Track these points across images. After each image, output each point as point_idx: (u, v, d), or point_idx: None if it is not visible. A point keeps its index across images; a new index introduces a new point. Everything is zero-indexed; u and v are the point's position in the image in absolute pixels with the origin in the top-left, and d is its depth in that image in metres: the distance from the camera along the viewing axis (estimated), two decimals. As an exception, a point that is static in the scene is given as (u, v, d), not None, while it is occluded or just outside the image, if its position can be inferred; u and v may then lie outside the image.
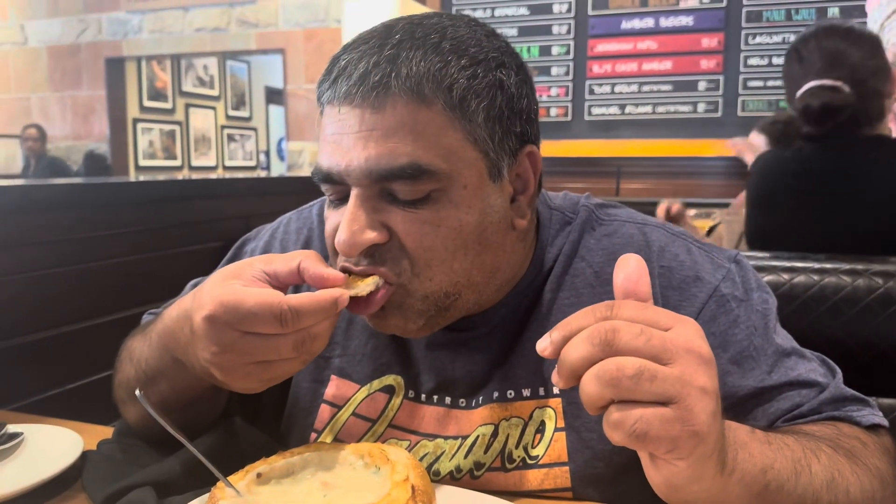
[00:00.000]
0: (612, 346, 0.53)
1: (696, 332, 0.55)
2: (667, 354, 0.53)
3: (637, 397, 0.52)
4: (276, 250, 0.97)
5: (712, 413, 0.53)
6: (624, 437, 0.52)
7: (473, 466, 0.82)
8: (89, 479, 0.80)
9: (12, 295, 1.30)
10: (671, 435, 0.51)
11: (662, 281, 0.82)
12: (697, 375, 0.53)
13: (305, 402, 0.90)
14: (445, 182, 0.72)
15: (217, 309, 0.65)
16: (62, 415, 1.03)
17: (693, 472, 0.54)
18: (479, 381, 0.84)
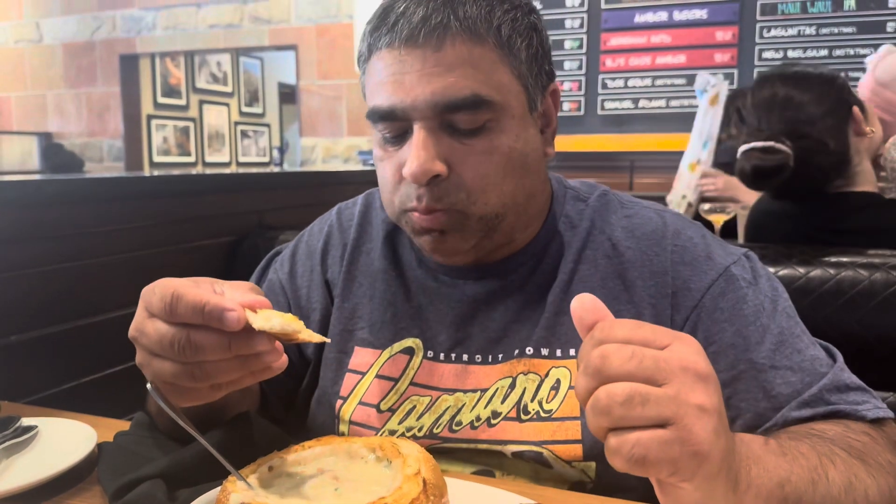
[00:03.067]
0: (603, 373, 0.52)
1: (692, 349, 0.54)
2: (661, 375, 0.51)
3: (632, 423, 0.51)
4: (302, 253, 1.06)
5: (713, 431, 0.51)
6: (624, 463, 0.51)
7: (491, 415, 0.87)
8: (103, 471, 0.81)
9: (26, 289, 1.31)
10: (670, 457, 0.50)
11: (675, 258, 0.87)
12: (694, 394, 0.51)
13: (332, 372, 0.96)
14: (499, 112, 0.81)
15: (147, 287, 0.67)
16: (76, 408, 1.03)
17: (702, 494, 0.53)
18: (495, 339, 0.90)
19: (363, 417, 0.92)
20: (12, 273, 1.29)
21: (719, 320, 0.83)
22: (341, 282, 1.00)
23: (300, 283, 1.04)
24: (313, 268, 1.03)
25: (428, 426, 0.89)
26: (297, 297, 1.03)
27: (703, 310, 0.84)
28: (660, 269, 0.87)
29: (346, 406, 0.93)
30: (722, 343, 0.82)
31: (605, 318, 0.56)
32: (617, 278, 0.88)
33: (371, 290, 0.98)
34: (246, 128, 8.46)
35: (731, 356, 0.81)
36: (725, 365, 0.81)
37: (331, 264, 1.02)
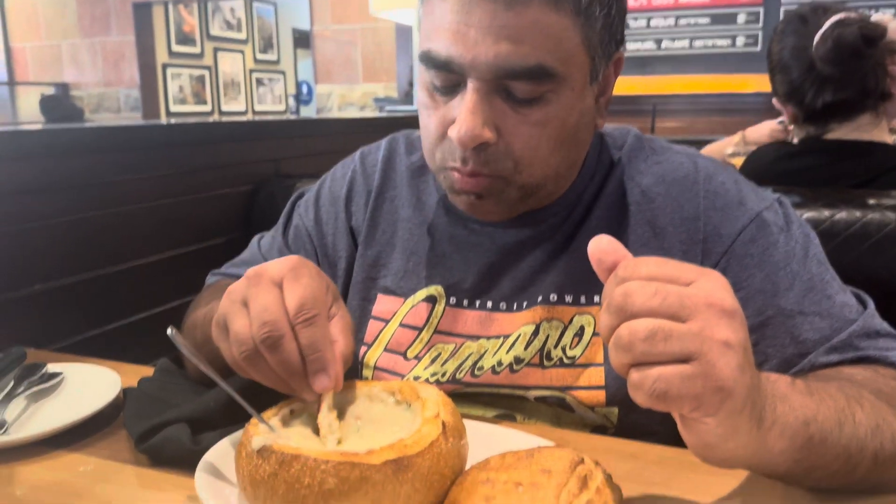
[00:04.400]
0: (626, 311, 0.51)
1: (719, 285, 0.53)
2: (685, 311, 0.50)
3: (654, 359, 0.50)
4: (325, 199, 1.05)
5: (738, 367, 0.50)
6: (645, 398, 0.50)
7: (513, 361, 0.86)
8: (128, 415, 0.82)
9: (48, 239, 1.32)
10: (693, 392, 0.49)
11: (706, 203, 0.85)
12: (719, 329, 0.50)
13: (355, 320, 0.96)
14: (560, 84, 0.76)
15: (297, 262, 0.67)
16: (100, 356, 1.05)
17: (725, 430, 0.52)
18: (521, 287, 0.89)
19: (389, 364, 0.92)
20: (33, 223, 1.30)
21: (749, 266, 0.82)
22: (365, 229, 0.99)
23: (325, 231, 1.03)
24: (337, 214, 1.02)
25: (451, 371, 0.89)
26: (323, 244, 1.02)
27: (733, 255, 0.82)
28: (691, 214, 0.85)
29: (371, 353, 0.94)
30: (750, 289, 0.81)
31: (624, 257, 0.55)
32: (646, 225, 0.87)
33: (394, 238, 0.97)
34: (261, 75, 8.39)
35: (760, 302, 0.80)
36: (753, 311, 0.80)
37: (355, 211, 1.01)
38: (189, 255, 1.60)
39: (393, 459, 0.58)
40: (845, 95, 1.58)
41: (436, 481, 0.60)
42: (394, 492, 0.57)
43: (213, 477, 0.65)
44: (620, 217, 0.88)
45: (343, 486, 0.57)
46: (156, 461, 0.76)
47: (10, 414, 0.85)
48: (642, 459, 0.74)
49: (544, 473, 0.58)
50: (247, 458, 0.61)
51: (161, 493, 0.70)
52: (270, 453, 0.59)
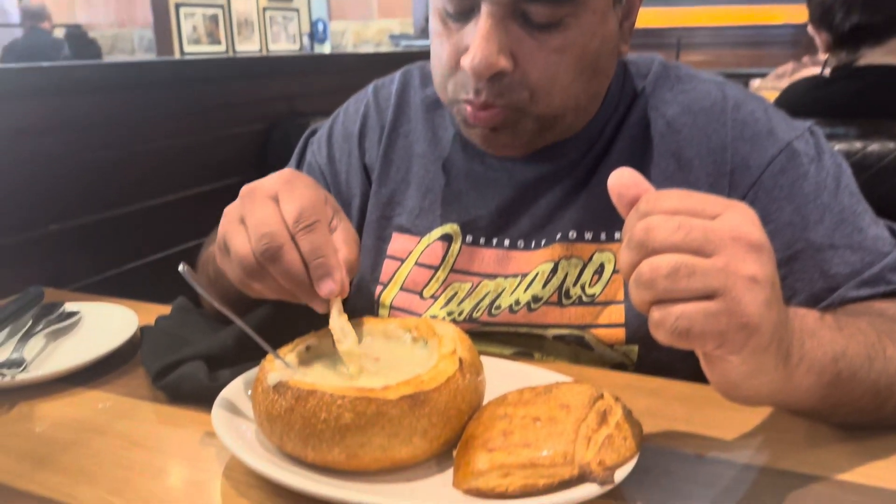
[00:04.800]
0: (647, 246, 0.48)
1: (745, 218, 0.50)
2: (710, 246, 0.47)
3: (677, 296, 0.47)
4: (338, 136, 1.02)
5: (764, 303, 0.48)
6: (667, 336, 0.48)
7: (531, 300, 0.85)
8: (145, 353, 0.82)
9: (61, 179, 1.31)
10: (717, 329, 0.47)
11: (734, 133, 0.81)
12: (745, 264, 0.47)
13: (370, 259, 0.95)
14: (580, 7, 0.72)
15: (289, 174, 0.67)
16: (116, 296, 1.05)
17: (750, 367, 0.50)
18: (539, 224, 0.87)
19: (405, 303, 0.91)
20: (47, 162, 1.29)
21: (778, 198, 0.78)
22: (379, 166, 0.96)
23: (339, 168, 1.00)
24: (351, 151, 1.00)
25: (468, 311, 0.88)
26: (336, 182, 1.00)
27: (762, 187, 0.79)
28: (718, 145, 0.81)
29: (387, 292, 0.92)
30: (779, 222, 0.78)
31: (646, 191, 0.52)
32: (671, 157, 0.83)
33: (409, 175, 0.95)
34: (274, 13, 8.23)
35: (788, 235, 0.77)
36: (782, 244, 0.77)
37: (368, 147, 0.99)
38: (204, 195, 1.60)
39: (409, 394, 0.57)
40: (874, 18, 1.53)
41: (453, 416, 0.59)
42: (410, 426, 0.57)
43: (229, 413, 0.65)
44: (644, 150, 0.84)
45: (359, 421, 0.56)
46: (173, 398, 0.76)
47: (30, 352, 0.85)
48: (663, 395, 0.73)
49: (563, 408, 0.57)
50: (263, 394, 0.60)
51: (179, 429, 0.70)
52: (286, 389, 0.58)
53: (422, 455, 0.58)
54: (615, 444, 0.55)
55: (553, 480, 0.52)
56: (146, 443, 0.67)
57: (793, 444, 0.63)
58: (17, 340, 0.86)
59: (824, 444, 0.63)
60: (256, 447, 0.61)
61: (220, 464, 0.63)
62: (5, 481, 0.61)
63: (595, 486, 0.52)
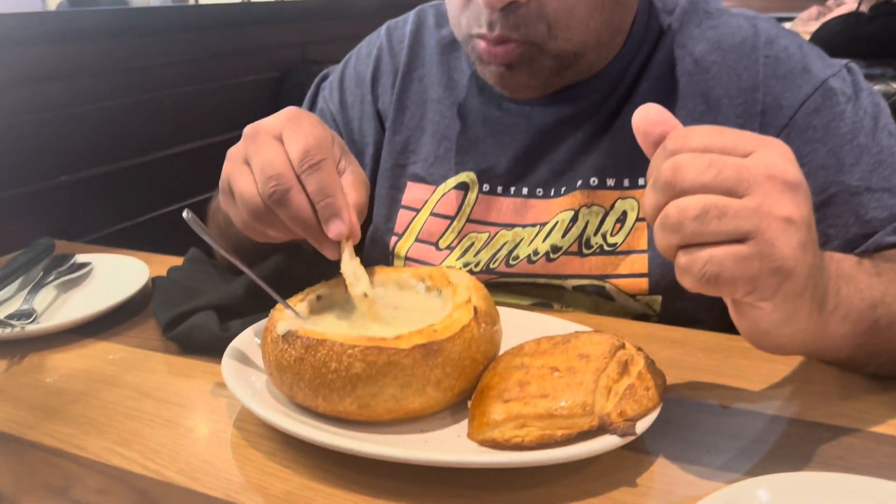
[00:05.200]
0: (674, 186, 0.45)
1: (780, 155, 0.46)
2: (743, 185, 0.44)
3: (706, 239, 0.44)
4: (350, 80, 0.98)
5: (799, 245, 0.44)
6: (694, 282, 0.45)
7: (550, 250, 0.82)
8: (157, 303, 0.81)
9: (70, 128, 1.29)
10: (748, 274, 0.44)
11: (767, 71, 0.77)
12: (780, 204, 0.44)
13: (384, 209, 0.93)
14: None
15: (294, 112, 0.64)
16: (128, 248, 1.04)
17: (781, 314, 0.47)
18: (559, 171, 0.84)
19: (421, 254, 0.89)
20: (54, 111, 1.26)
21: (811, 140, 0.74)
22: (392, 112, 0.93)
23: (351, 115, 0.97)
24: (363, 97, 0.96)
25: (485, 261, 0.85)
26: (349, 129, 0.97)
27: (795, 128, 0.75)
28: (749, 84, 0.77)
29: (402, 243, 0.90)
30: (812, 165, 0.74)
31: (674, 128, 0.48)
32: (699, 98, 0.79)
33: (423, 121, 0.91)
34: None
35: (822, 178, 0.73)
36: (815, 188, 0.72)
37: (381, 93, 0.95)
38: (215, 146, 1.57)
39: (422, 344, 0.55)
40: None
41: (467, 366, 0.57)
42: (423, 376, 0.55)
43: (240, 363, 0.64)
44: (670, 90, 0.80)
45: (371, 371, 0.54)
46: (184, 348, 0.75)
47: (40, 303, 0.84)
48: (687, 345, 0.70)
49: (582, 358, 0.55)
50: (272, 344, 0.59)
51: (189, 380, 0.69)
52: (296, 338, 0.57)
53: (435, 405, 0.57)
54: (637, 395, 0.53)
55: (571, 432, 0.50)
56: (156, 394, 0.66)
57: (823, 395, 0.61)
58: (28, 292, 0.86)
59: (857, 396, 0.61)
60: (267, 397, 0.60)
61: (230, 415, 0.62)
62: (15, 432, 0.61)
63: (615, 438, 0.50)
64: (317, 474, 0.53)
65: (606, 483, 0.51)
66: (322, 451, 0.53)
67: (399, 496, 0.50)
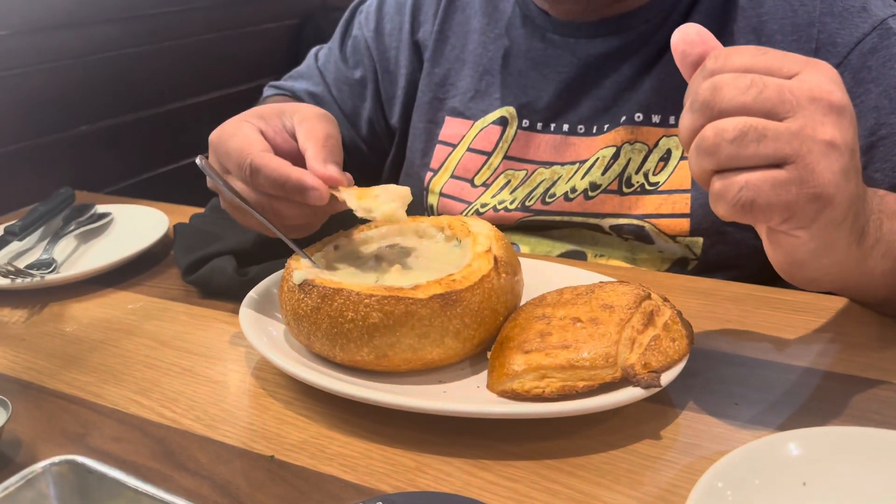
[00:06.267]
0: (713, 107, 0.42)
1: (826, 77, 0.43)
2: (785, 107, 0.41)
3: (744, 163, 0.41)
4: (390, 6, 0.95)
5: (842, 171, 0.42)
6: (728, 209, 0.42)
7: (588, 187, 0.80)
8: (178, 248, 0.81)
9: (86, 77, 1.28)
10: (785, 200, 0.41)
11: (823, 7, 0.73)
12: (824, 128, 0.41)
13: (421, 143, 0.91)
14: None
15: (215, 137, 0.64)
16: (148, 199, 1.03)
17: (818, 244, 0.44)
18: (603, 107, 0.81)
19: (455, 190, 0.87)
20: (71, 60, 1.25)
21: (865, 80, 0.70)
22: (433, 43, 0.90)
23: (388, 43, 0.94)
24: (402, 25, 0.93)
25: (520, 199, 0.83)
26: (384, 59, 0.94)
27: (848, 68, 0.71)
28: (804, 20, 0.73)
29: (438, 178, 0.88)
30: (864, 106, 0.70)
31: (714, 48, 0.45)
32: (751, 33, 0.75)
33: (464, 53, 0.88)
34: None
35: (872, 120, 0.70)
36: (864, 130, 0.70)
37: (423, 21, 0.92)
38: (234, 97, 1.55)
39: (440, 294, 0.53)
40: None
41: (487, 317, 0.55)
42: (442, 326, 0.53)
43: (257, 313, 0.63)
44: (722, 24, 0.77)
45: (388, 321, 0.53)
46: (204, 293, 0.74)
47: (60, 253, 0.84)
48: (716, 296, 0.68)
49: (606, 309, 0.53)
50: (289, 293, 0.58)
51: (208, 330, 0.69)
52: (312, 288, 0.56)
53: (454, 356, 0.56)
54: (662, 346, 0.51)
55: (594, 383, 0.49)
56: (175, 343, 0.66)
57: (858, 346, 0.58)
58: (48, 242, 0.85)
59: (893, 347, 0.58)
60: (284, 347, 0.59)
61: (248, 364, 0.62)
62: (34, 380, 0.61)
63: (639, 390, 0.49)
64: (333, 423, 0.53)
65: (629, 435, 0.49)
66: (339, 401, 0.53)
67: (416, 446, 0.50)
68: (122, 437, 0.53)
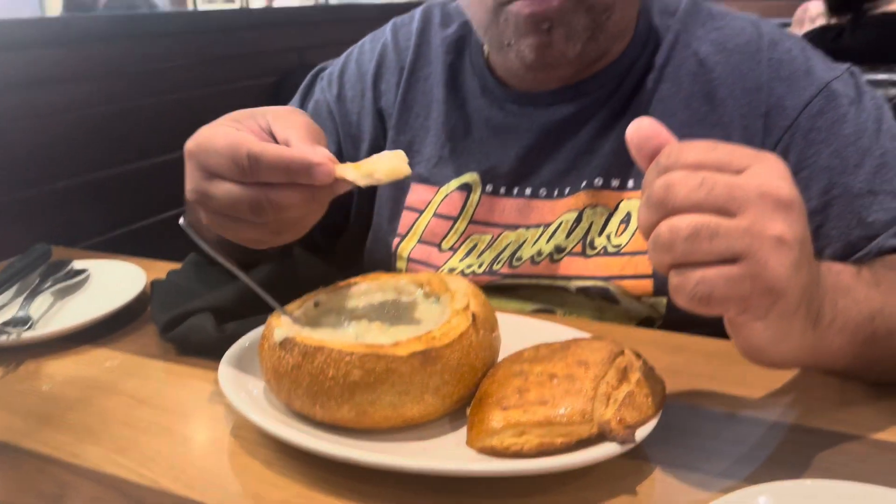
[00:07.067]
0: (666, 205, 0.44)
1: (774, 171, 0.45)
2: (735, 204, 0.43)
3: (698, 259, 0.44)
4: (352, 74, 0.97)
5: (792, 265, 0.44)
6: (687, 302, 0.45)
7: (554, 250, 0.82)
8: (155, 305, 0.81)
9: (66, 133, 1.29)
10: (739, 294, 0.43)
11: (770, 73, 0.77)
12: (773, 223, 0.43)
13: (387, 210, 0.93)
14: None
15: (193, 145, 0.60)
16: (125, 254, 1.03)
17: (775, 332, 0.47)
18: (563, 171, 0.83)
19: (423, 255, 0.88)
20: (50, 117, 1.26)
21: (815, 141, 0.74)
22: (396, 112, 0.92)
23: (350, 109, 0.96)
24: (364, 93, 0.95)
25: (488, 263, 0.85)
26: (346, 122, 0.96)
27: (798, 130, 0.75)
28: (753, 84, 0.77)
29: (405, 244, 0.90)
30: (816, 167, 0.74)
31: (668, 140, 0.48)
32: (703, 98, 0.79)
33: (428, 121, 0.91)
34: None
35: (825, 180, 0.73)
36: (818, 190, 0.73)
37: (385, 90, 0.94)
38: (214, 151, 1.57)
39: (420, 351, 0.54)
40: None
41: (466, 373, 0.57)
42: (421, 384, 0.54)
43: (237, 370, 0.63)
44: (675, 90, 0.80)
45: (368, 378, 0.54)
46: (181, 350, 0.74)
47: (36, 310, 0.84)
48: (687, 351, 0.70)
49: (581, 365, 0.54)
50: (270, 351, 0.58)
51: (187, 387, 0.69)
52: (293, 345, 0.56)
53: (434, 413, 0.56)
54: (636, 402, 0.52)
55: (571, 439, 0.50)
56: (153, 401, 0.66)
57: (825, 401, 0.61)
58: (24, 298, 0.85)
59: (859, 402, 0.60)
60: (264, 405, 0.59)
61: (228, 422, 0.62)
62: (10, 440, 0.60)
63: (615, 446, 0.50)
64: (314, 483, 0.53)
65: (606, 491, 0.50)
66: (320, 460, 0.53)
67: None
68: (99, 497, 0.52)
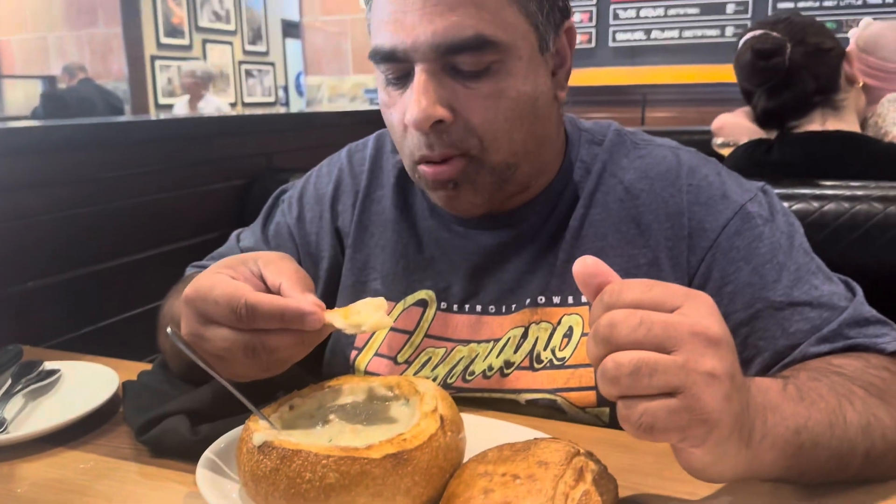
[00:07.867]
0: (610, 342, 0.51)
1: (705, 310, 0.53)
2: (671, 342, 0.50)
3: (640, 392, 0.50)
4: (310, 197, 1.03)
5: (724, 397, 0.50)
6: (633, 432, 0.51)
7: (503, 365, 0.87)
8: (128, 408, 0.83)
9: (40, 235, 1.32)
10: (678, 425, 0.50)
11: (690, 198, 0.85)
12: (704, 360, 0.50)
13: None
14: (504, 54, 0.77)
15: (192, 293, 0.66)
16: (95, 352, 1.05)
17: (713, 457, 0.53)
18: (508, 289, 0.89)
19: (380, 368, 0.92)
20: (26, 220, 1.29)
21: (735, 259, 0.82)
22: (353, 231, 0.98)
23: (309, 229, 1.02)
24: (322, 214, 1.01)
25: (442, 376, 0.89)
26: (306, 243, 1.02)
27: (719, 249, 0.83)
28: (675, 210, 0.85)
29: (362, 357, 0.94)
30: (738, 283, 0.81)
31: (609, 277, 0.55)
32: (631, 222, 0.86)
33: (383, 240, 0.96)
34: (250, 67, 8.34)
35: (748, 295, 0.80)
36: (742, 304, 0.80)
37: (341, 212, 1.00)
38: (183, 251, 1.60)
39: (392, 453, 0.58)
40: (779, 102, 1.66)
41: (435, 475, 0.60)
42: (394, 485, 0.58)
43: (213, 473, 0.66)
44: (604, 215, 0.87)
45: (344, 481, 0.57)
46: (156, 452, 0.76)
47: (9, 412, 0.85)
48: (636, 450, 0.75)
49: (541, 466, 0.59)
50: (248, 454, 0.61)
51: (162, 490, 0.71)
52: (272, 449, 0.60)
53: (405, 514, 0.60)
54: (592, 501, 0.57)
55: (533, 537, 0.54)
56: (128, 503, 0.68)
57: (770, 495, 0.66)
58: (-3, 400, 0.86)
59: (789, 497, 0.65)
60: (241, 507, 0.62)
61: (204, 524, 0.64)
62: (-13, 545, 0.61)
63: (573, 542, 0.54)
64: (291, 582, 0.55)
65: (566, 586, 0.54)
66: (297, 560, 0.55)
67: None
68: None
